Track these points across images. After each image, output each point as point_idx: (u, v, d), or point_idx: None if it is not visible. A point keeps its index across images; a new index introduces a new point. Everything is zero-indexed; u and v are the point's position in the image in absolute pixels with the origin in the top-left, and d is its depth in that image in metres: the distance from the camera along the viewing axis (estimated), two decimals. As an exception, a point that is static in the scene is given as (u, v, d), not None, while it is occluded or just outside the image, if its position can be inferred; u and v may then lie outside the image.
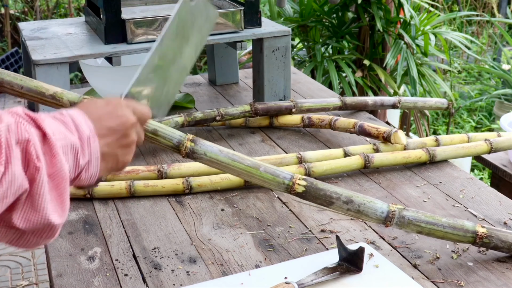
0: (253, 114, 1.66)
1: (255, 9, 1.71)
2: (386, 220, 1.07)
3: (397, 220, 1.06)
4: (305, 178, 1.08)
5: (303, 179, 1.08)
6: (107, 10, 1.56)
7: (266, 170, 1.08)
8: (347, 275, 1.04)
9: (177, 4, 0.94)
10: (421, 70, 3.14)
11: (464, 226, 1.08)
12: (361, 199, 1.08)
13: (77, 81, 4.72)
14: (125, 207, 1.31)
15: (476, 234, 1.07)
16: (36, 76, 1.49)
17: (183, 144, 1.06)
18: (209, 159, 1.08)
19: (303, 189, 1.07)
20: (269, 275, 1.05)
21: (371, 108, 1.78)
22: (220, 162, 1.08)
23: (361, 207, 1.07)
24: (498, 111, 4.16)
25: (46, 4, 5.36)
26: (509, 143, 1.51)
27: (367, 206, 1.07)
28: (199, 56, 5.33)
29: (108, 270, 1.10)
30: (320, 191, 1.08)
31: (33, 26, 1.80)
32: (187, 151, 1.06)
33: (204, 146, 1.08)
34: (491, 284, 1.04)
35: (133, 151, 0.86)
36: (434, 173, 1.43)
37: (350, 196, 1.08)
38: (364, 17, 3.11)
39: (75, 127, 0.75)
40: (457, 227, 1.07)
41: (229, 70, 2.08)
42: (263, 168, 1.08)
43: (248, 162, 1.08)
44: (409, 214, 1.07)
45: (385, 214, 1.06)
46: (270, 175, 1.08)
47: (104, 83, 1.83)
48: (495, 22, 5.04)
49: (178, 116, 1.58)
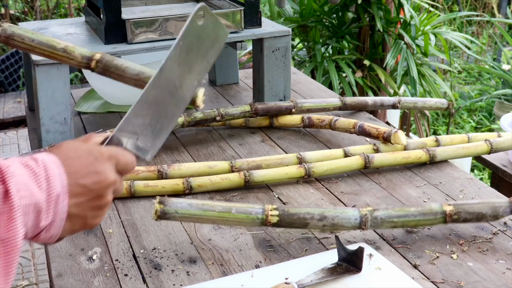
0: (253, 114, 1.66)
1: (255, 9, 1.71)
2: (361, 225, 1.11)
3: (371, 222, 1.11)
4: (276, 207, 1.11)
5: (275, 209, 1.10)
6: (107, 10, 1.57)
7: (238, 211, 1.10)
8: (347, 275, 1.04)
9: (184, 25, 0.84)
10: (421, 70, 3.14)
11: (432, 209, 1.13)
12: (333, 212, 1.11)
13: (77, 81, 4.73)
14: (125, 207, 1.31)
15: (445, 213, 1.12)
16: (36, 76, 1.49)
17: (154, 208, 1.08)
18: (181, 215, 1.09)
19: (277, 219, 1.10)
20: (269, 275, 1.05)
21: (371, 108, 1.78)
22: (192, 216, 1.09)
23: (335, 220, 1.11)
24: (498, 111, 4.16)
25: (46, 4, 5.36)
26: (509, 143, 1.51)
27: (340, 217, 1.11)
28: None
29: (108, 270, 1.10)
30: (294, 216, 1.10)
31: (33, 26, 1.80)
32: (158, 214, 1.08)
33: (174, 204, 1.08)
34: (491, 284, 1.04)
35: (105, 213, 0.78)
36: (434, 173, 1.43)
37: (322, 213, 1.11)
38: (364, 17, 3.11)
39: (46, 182, 0.68)
40: (426, 212, 1.13)
41: (229, 70, 2.08)
42: (235, 209, 1.10)
43: (219, 208, 1.09)
44: (380, 214, 1.12)
45: (359, 219, 1.11)
46: (243, 214, 1.10)
47: (104, 83, 1.83)
48: (495, 22, 5.04)
49: None
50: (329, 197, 1.33)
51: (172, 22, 1.61)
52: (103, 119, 1.80)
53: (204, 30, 0.87)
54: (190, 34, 0.85)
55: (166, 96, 0.85)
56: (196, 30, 0.85)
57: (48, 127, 1.53)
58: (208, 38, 0.88)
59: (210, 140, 1.65)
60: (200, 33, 0.86)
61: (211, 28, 0.88)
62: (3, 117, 4.27)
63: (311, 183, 1.40)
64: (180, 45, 0.84)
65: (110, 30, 1.58)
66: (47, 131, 1.53)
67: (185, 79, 0.87)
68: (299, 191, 1.36)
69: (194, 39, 0.86)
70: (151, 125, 0.84)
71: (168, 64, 0.84)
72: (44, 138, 1.53)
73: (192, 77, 0.88)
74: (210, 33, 0.88)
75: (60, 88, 1.52)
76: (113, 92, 1.85)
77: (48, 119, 1.52)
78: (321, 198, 1.33)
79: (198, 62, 0.88)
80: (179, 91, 0.86)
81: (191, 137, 1.68)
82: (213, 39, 0.89)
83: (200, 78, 0.89)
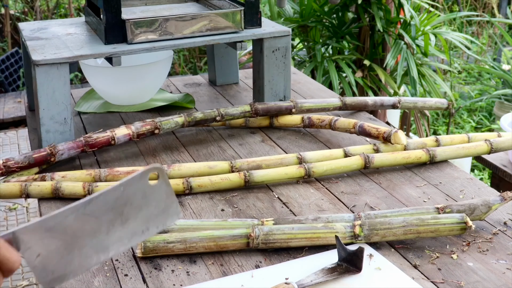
0: (253, 114, 1.66)
1: (255, 9, 1.71)
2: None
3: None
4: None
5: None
6: (107, 10, 1.57)
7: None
8: (347, 275, 1.04)
9: (133, 174, 0.76)
10: (421, 70, 3.14)
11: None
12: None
13: (77, 81, 4.73)
14: (125, 207, 1.30)
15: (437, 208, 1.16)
16: (36, 76, 1.49)
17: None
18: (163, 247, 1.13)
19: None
20: (269, 275, 1.05)
21: (371, 108, 1.78)
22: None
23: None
24: (498, 111, 4.17)
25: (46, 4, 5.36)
26: (509, 143, 1.51)
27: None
28: (199, 56, 5.34)
29: (108, 270, 1.10)
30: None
31: (33, 26, 1.80)
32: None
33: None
34: (491, 284, 1.04)
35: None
36: (434, 173, 1.43)
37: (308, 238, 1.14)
38: (364, 17, 3.11)
39: None
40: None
41: (229, 70, 2.08)
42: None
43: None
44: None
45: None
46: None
47: (104, 83, 1.83)
48: (495, 23, 5.04)
49: (178, 116, 1.58)
50: (329, 197, 1.33)
51: (172, 22, 1.61)
52: (103, 119, 1.80)
53: (153, 192, 0.77)
54: (136, 186, 0.76)
55: (86, 233, 0.75)
56: (143, 187, 0.76)
57: (48, 127, 1.53)
58: (155, 203, 0.78)
59: (210, 140, 1.65)
60: (147, 192, 0.77)
61: (162, 196, 0.78)
62: (3, 117, 4.27)
63: (311, 183, 1.40)
64: (120, 190, 0.75)
65: (110, 30, 1.58)
66: (47, 131, 1.53)
67: (115, 229, 0.76)
68: (299, 191, 1.36)
69: (139, 193, 0.76)
70: (58, 252, 0.74)
71: (100, 200, 0.74)
72: (44, 138, 1.53)
73: (124, 233, 0.77)
74: (159, 199, 0.78)
75: (60, 88, 1.52)
76: (113, 92, 1.85)
77: (48, 119, 1.52)
78: (321, 198, 1.33)
79: (135, 222, 0.77)
80: (104, 240, 0.76)
81: (191, 137, 1.68)
82: (161, 209, 0.79)
83: (133, 241, 0.78)
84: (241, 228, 1.15)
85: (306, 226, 1.14)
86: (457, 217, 1.13)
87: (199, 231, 1.14)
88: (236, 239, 1.12)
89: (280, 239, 1.12)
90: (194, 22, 1.63)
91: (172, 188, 0.80)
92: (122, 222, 0.76)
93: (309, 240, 1.12)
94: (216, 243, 1.12)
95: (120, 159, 1.54)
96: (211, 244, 1.12)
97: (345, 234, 1.13)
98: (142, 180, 0.76)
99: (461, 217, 1.13)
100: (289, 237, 1.12)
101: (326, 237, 1.12)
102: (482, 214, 1.18)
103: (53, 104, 1.52)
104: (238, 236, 1.12)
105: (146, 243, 1.11)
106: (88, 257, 0.76)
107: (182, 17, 1.62)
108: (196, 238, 1.12)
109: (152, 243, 1.11)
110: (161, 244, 1.11)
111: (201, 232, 1.13)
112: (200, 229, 1.15)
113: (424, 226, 1.12)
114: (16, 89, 4.78)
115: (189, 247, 1.11)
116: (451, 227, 1.12)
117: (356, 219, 1.17)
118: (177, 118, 1.57)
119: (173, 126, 1.56)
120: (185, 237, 1.12)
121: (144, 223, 0.78)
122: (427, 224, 1.12)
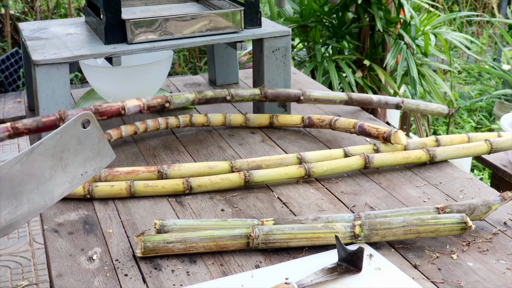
0: (262, 98, 1.66)
1: (255, 9, 1.71)
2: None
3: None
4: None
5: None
6: (107, 10, 1.57)
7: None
8: (347, 275, 1.04)
9: (66, 122, 0.84)
10: (421, 70, 3.14)
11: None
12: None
13: (77, 81, 4.73)
14: (125, 207, 1.31)
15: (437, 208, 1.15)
16: (36, 76, 1.49)
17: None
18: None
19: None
20: (269, 276, 1.05)
21: (376, 105, 1.78)
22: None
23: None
24: (498, 111, 4.17)
25: (46, 4, 5.36)
26: (509, 143, 1.51)
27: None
28: (199, 56, 5.34)
29: (108, 270, 1.10)
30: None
31: (33, 26, 1.80)
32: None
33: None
34: (491, 284, 1.04)
35: None
36: (434, 173, 1.43)
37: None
38: (364, 17, 3.11)
39: None
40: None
41: (229, 70, 2.08)
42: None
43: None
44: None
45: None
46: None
47: (104, 83, 1.83)
48: (495, 23, 5.04)
49: (189, 93, 1.58)
50: (329, 197, 1.33)
51: (172, 22, 1.61)
52: (103, 119, 1.80)
53: (86, 137, 0.85)
54: (70, 132, 0.83)
55: (31, 180, 0.81)
56: (77, 133, 0.83)
57: (48, 127, 1.53)
58: (89, 147, 0.86)
59: (210, 140, 1.65)
60: (81, 137, 0.84)
61: (95, 140, 0.86)
62: (3, 117, 4.27)
63: (311, 183, 1.40)
64: (58, 137, 0.82)
65: (110, 30, 1.58)
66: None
67: (56, 174, 0.84)
68: (299, 191, 1.36)
69: (74, 139, 0.84)
70: (9, 201, 0.80)
71: (40, 148, 0.80)
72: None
73: (65, 177, 0.85)
74: (93, 143, 0.86)
75: (60, 88, 1.52)
76: (113, 92, 1.85)
77: (48, 119, 1.52)
78: (321, 198, 1.33)
79: (74, 166, 0.86)
80: (48, 184, 0.83)
81: (191, 137, 1.68)
82: (95, 152, 0.86)
83: (75, 183, 0.87)
84: (241, 228, 1.15)
85: (306, 226, 1.14)
86: (457, 217, 1.13)
87: (199, 231, 1.14)
88: (236, 239, 1.12)
89: (280, 239, 1.12)
90: (194, 22, 1.63)
91: (103, 133, 0.88)
92: (62, 167, 0.84)
93: (309, 240, 1.12)
94: (216, 243, 1.12)
95: (120, 159, 1.54)
96: (211, 244, 1.12)
97: (345, 234, 1.13)
98: (75, 126, 0.83)
99: (461, 217, 1.13)
100: (289, 237, 1.12)
101: (326, 237, 1.12)
102: (482, 214, 1.18)
103: (53, 104, 1.52)
104: (238, 236, 1.12)
105: (146, 243, 1.11)
106: (36, 202, 0.83)
107: (182, 17, 1.62)
108: (196, 238, 1.12)
109: (152, 243, 1.11)
110: (161, 244, 1.11)
111: (201, 232, 1.13)
112: (200, 229, 1.15)
113: (424, 226, 1.12)
114: (16, 89, 4.78)
115: (189, 247, 1.11)
116: (451, 227, 1.12)
117: (356, 219, 1.17)
118: (188, 94, 1.58)
119: (184, 102, 1.56)
120: (185, 237, 1.12)
121: (82, 166, 0.87)
122: (427, 224, 1.12)
